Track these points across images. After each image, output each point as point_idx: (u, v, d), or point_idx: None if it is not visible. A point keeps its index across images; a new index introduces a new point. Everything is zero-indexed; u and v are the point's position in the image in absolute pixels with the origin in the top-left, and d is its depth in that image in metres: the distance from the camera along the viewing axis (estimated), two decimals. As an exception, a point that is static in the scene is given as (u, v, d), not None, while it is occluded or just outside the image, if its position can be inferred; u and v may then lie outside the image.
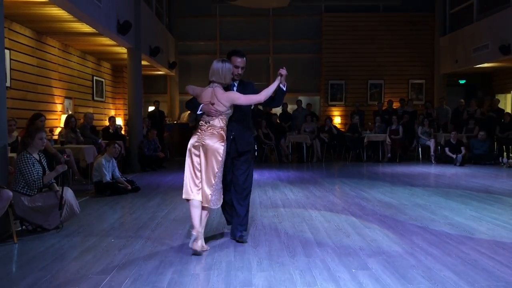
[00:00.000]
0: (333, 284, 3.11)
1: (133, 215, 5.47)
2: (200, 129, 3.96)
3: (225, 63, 3.97)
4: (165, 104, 15.49)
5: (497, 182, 8.08)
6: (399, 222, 4.94)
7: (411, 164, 11.39)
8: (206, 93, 3.96)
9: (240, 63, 4.13)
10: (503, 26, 11.93)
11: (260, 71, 16.05)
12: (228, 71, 3.96)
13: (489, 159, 11.18)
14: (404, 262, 3.57)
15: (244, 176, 4.18)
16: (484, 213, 5.34)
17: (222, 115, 3.92)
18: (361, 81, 15.63)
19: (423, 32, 15.67)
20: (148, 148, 10.30)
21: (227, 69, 3.95)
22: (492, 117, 12.21)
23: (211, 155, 3.85)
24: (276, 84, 4.08)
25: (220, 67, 3.95)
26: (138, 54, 10.45)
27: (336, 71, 15.58)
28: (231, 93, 3.98)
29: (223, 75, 3.95)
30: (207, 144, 3.85)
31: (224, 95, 3.91)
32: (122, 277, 3.26)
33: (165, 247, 4.02)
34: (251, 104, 4.17)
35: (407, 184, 7.89)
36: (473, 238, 4.25)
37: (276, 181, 8.41)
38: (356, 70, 15.45)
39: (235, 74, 4.11)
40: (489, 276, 3.23)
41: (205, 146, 3.85)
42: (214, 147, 3.84)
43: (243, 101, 3.98)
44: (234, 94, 3.99)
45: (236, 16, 15.60)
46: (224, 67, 3.95)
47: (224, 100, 3.89)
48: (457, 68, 14.33)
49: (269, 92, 3.99)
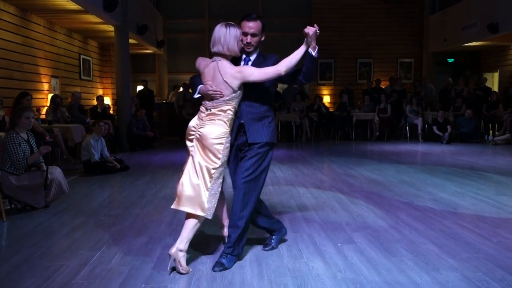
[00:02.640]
0: (319, 257, 3.19)
1: (123, 194, 5.50)
2: (199, 117, 3.08)
3: (229, 28, 3.03)
4: (153, 83, 15.36)
5: (481, 159, 8.22)
6: (385, 198, 5.03)
7: (399, 142, 11.53)
8: (208, 69, 3.07)
9: (250, 28, 3.06)
10: (491, 4, 11.94)
11: (249, 50, 15.94)
12: (234, 38, 3.01)
13: (475, 137, 11.35)
14: (388, 236, 3.66)
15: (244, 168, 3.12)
16: (467, 189, 5.46)
17: (228, 99, 3.00)
18: (350, 60, 15.61)
19: (412, 11, 15.63)
20: (137, 128, 10.26)
21: (232, 36, 3.01)
22: (479, 96, 12.35)
23: (207, 151, 2.97)
24: (302, 49, 3.06)
25: (222, 33, 3.02)
26: (125, 32, 10.30)
27: (326, 50, 15.48)
28: (242, 68, 3.06)
29: (226, 44, 3.01)
30: (203, 136, 2.96)
31: (232, 70, 2.99)
32: (112, 253, 3.30)
33: (154, 224, 4.07)
34: (268, 79, 3.04)
35: (394, 161, 8.00)
36: (456, 213, 4.36)
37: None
38: (345, 48, 15.41)
39: (245, 44, 3.09)
40: (469, 248, 3.33)
41: (201, 138, 2.97)
42: (212, 141, 2.95)
43: (257, 76, 2.98)
44: (245, 68, 3.05)
45: (225, -7, 15.41)
46: (227, 33, 3.01)
47: (230, 77, 2.97)
48: (445, 46, 14.38)
49: (292, 61, 3.01)
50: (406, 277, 2.81)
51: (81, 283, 2.77)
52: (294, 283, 2.74)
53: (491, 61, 14.93)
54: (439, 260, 3.08)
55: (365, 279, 2.79)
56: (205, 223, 3.25)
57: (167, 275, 2.87)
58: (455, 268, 2.94)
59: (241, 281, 2.79)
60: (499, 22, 11.51)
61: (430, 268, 2.94)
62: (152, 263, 3.08)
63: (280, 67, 3.00)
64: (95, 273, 2.93)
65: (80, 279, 2.83)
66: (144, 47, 13.35)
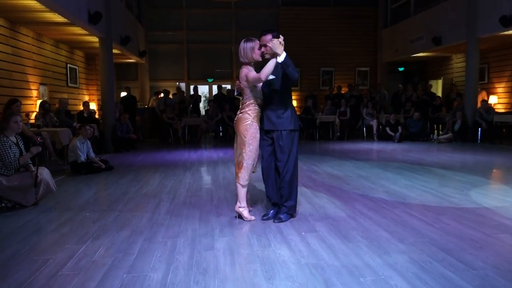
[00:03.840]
0: (285, 245, 3.21)
1: (107, 191, 5.39)
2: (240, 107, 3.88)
3: (246, 43, 3.73)
4: (136, 90, 15.12)
5: (427, 155, 8.45)
6: (344, 191, 5.11)
7: (357, 142, 11.72)
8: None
9: (267, 40, 3.64)
10: (435, 20, 12.31)
11: (224, 60, 15.92)
12: (249, 49, 3.69)
13: (422, 136, 11.64)
14: (346, 224, 3.72)
15: (279, 156, 3.72)
16: (415, 182, 5.60)
17: (248, 95, 3.74)
18: (314, 69, 15.79)
19: (367, 25, 15.93)
20: (121, 131, 10.08)
21: (248, 48, 3.70)
22: (426, 100, 12.68)
23: (238, 134, 3.77)
24: (273, 60, 3.57)
25: (242, 46, 3.74)
26: (109, 43, 10.10)
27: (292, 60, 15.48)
28: (245, 72, 3.70)
29: (245, 54, 3.71)
30: (235, 124, 3.81)
31: (242, 74, 3.72)
32: (96, 246, 3.24)
33: (136, 219, 4.00)
34: (255, 82, 3.68)
35: (353, 158, 8.13)
36: (405, 203, 4.47)
37: (238, 158, 8.45)
38: (310, 58, 15.57)
39: (265, 53, 3.69)
40: (416, 233, 3.42)
41: (235, 124, 3.82)
42: (238, 127, 3.76)
43: (251, 79, 3.66)
44: (247, 72, 3.69)
45: (201, 8, 15.33)
46: (245, 46, 3.71)
47: (242, 79, 3.73)
48: (396, 57, 14.71)
49: (267, 70, 3.54)
50: (361, 260, 2.87)
51: (67, 274, 2.71)
52: (263, 269, 2.75)
53: (435, 70, 15.37)
54: (390, 245, 3.16)
55: (326, 263, 2.83)
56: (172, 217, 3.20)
57: (147, 265, 2.84)
58: (403, 251, 3.01)
59: (215, 268, 2.78)
60: (441, 36, 11.87)
61: (382, 252, 3.01)
62: (134, 255, 3.03)
63: (261, 75, 3.57)
64: (80, 265, 2.86)
65: (66, 271, 2.76)
66: (127, 56, 13.13)
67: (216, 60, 15.94)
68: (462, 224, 3.65)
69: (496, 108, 11.65)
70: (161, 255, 3.01)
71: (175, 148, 10.63)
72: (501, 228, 3.53)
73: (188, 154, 9.30)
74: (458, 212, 4.05)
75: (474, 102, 10.96)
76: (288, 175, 3.73)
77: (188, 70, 15.89)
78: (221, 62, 15.91)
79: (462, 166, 6.96)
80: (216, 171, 6.88)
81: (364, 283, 2.51)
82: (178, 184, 5.77)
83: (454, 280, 2.53)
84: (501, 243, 3.18)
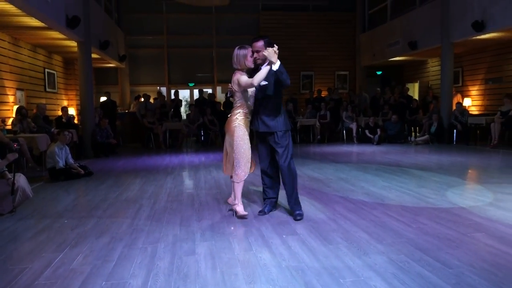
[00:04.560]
0: (266, 248, 3.20)
1: (86, 197, 5.29)
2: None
3: (240, 50, 3.88)
4: (116, 95, 14.93)
5: (405, 157, 8.59)
6: (324, 194, 5.14)
7: (337, 144, 11.83)
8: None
9: (258, 47, 3.85)
10: (411, 25, 12.56)
11: (205, 64, 15.88)
12: (242, 56, 3.85)
13: (400, 138, 11.84)
14: (326, 226, 3.74)
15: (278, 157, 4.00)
16: (393, 183, 5.68)
17: (239, 98, 3.90)
18: (294, 73, 15.86)
19: (346, 30, 16.15)
20: (101, 136, 9.92)
21: (241, 55, 3.85)
22: (403, 103, 12.91)
23: (229, 135, 3.96)
24: (266, 67, 3.75)
25: (235, 53, 3.89)
26: (88, 47, 9.95)
27: (273, 64, 15.68)
28: (238, 77, 3.85)
29: (238, 61, 3.87)
30: (225, 126, 4.01)
31: (234, 78, 3.88)
32: (74, 254, 3.16)
33: (116, 225, 3.93)
34: (247, 87, 3.85)
35: (333, 161, 8.20)
36: (383, 204, 4.52)
37: (219, 163, 8.42)
38: (290, 63, 15.60)
39: (257, 58, 3.87)
40: (394, 234, 3.47)
41: (226, 127, 4.01)
42: (227, 128, 3.96)
43: (243, 83, 3.82)
44: (239, 77, 3.85)
45: (182, 12, 15.25)
46: (238, 53, 3.87)
47: (234, 84, 3.88)
48: (374, 61, 14.94)
49: (260, 76, 3.71)
50: (341, 262, 2.88)
51: (43, 283, 2.63)
52: (244, 273, 2.74)
53: (412, 73, 15.67)
54: (369, 246, 3.19)
55: (306, 265, 2.84)
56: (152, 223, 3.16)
57: (127, 272, 2.79)
58: (382, 252, 3.04)
59: (196, 273, 2.75)
60: (417, 40, 12.13)
61: (361, 253, 3.03)
62: (113, 262, 2.98)
63: (254, 80, 3.72)
64: (58, 273, 2.79)
65: (43, 280, 2.68)
66: (106, 61, 12.94)
67: (197, 65, 15.88)
68: (439, 224, 3.71)
69: (470, 110, 11.94)
70: (141, 262, 2.96)
71: (156, 153, 10.52)
72: (476, 227, 3.60)
73: (170, 159, 9.21)
74: (435, 212, 4.12)
75: (449, 105, 11.21)
76: (287, 161, 3.97)
77: (169, 74, 15.78)
78: (202, 66, 15.87)
79: (438, 167, 7.09)
80: (198, 175, 6.84)
81: (344, 285, 2.52)
82: (159, 189, 5.70)
83: (431, 279, 2.57)
84: (476, 241, 3.24)
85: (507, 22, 9.00)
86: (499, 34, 9.84)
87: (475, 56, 12.20)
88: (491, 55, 11.60)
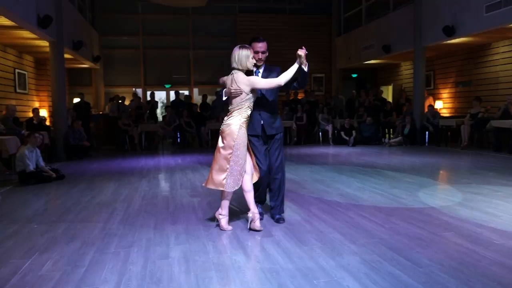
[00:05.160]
0: (241, 250, 3.19)
1: (57, 201, 5.15)
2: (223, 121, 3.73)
3: (241, 49, 3.63)
4: (90, 96, 14.63)
5: (379, 158, 8.75)
6: (300, 195, 5.17)
7: (313, 146, 11.95)
8: (228, 80, 3.70)
9: (260, 47, 3.77)
10: (385, 29, 12.83)
11: (181, 65, 15.76)
12: (245, 57, 3.61)
13: (374, 140, 12.06)
14: (301, 228, 3.76)
15: (275, 158, 3.90)
16: (367, 184, 5.78)
17: (242, 100, 3.60)
18: (271, 75, 15.93)
19: (322, 33, 16.34)
20: (74, 138, 9.70)
21: (243, 55, 3.61)
22: (377, 105, 13.15)
23: (226, 140, 3.61)
24: (296, 66, 3.70)
25: (236, 53, 3.63)
26: (61, 47, 9.71)
27: (250, 66, 15.70)
28: (251, 78, 3.64)
29: (240, 61, 3.62)
30: (223, 129, 3.66)
31: (245, 79, 3.60)
32: (44, 260, 3.07)
33: (88, 229, 3.84)
34: (271, 87, 3.69)
35: (309, 163, 8.26)
36: (357, 205, 4.59)
37: (196, 165, 8.37)
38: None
39: (257, 59, 3.76)
40: (367, 234, 3.52)
41: (222, 131, 3.67)
42: (227, 132, 3.61)
43: (263, 84, 3.62)
44: (254, 78, 3.66)
45: (158, 13, 15.09)
46: (240, 53, 3.62)
47: (243, 84, 3.58)
48: (350, 64, 15.17)
49: (288, 75, 3.63)
50: (315, 263, 2.90)
51: (10, 291, 2.55)
52: (218, 276, 2.72)
53: (386, 76, 15.99)
54: (343, 246, 3.22)
55: (281, 267, 2.84)
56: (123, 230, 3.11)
57: (98, 278, 2.72)
58: (355, 252, 3.08)
59: (169, 277, 2.72)
60: (391, 44, 12.39)
61: (335, 254, 3.06)
62: (84, 267, 2.90)
63: (281, 79, 3.62)
64: (25, 280, 2.70)
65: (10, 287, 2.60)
66: (80, 61, 12.67)
67: (173, 66, 15.74)
68: (410, 224, 3.79)
69: (441, 112, 12.27)
70: (113, 266, 2.90)
71: (131, 155, 10.36)
72: (446, 227, 3.70)
73: (145, 161, 9.09)
74: (407, 212, 4.20)
75: (422, 107, 11.49)
76: (280, 173, 3.93)
77: (144, 75, 15.58)
78: (178, 68, 15.74)
79: (411, 168, 7.25)
80: (173, 178, 6.77)
81: (318, 285, 2.54)
82: (133, 192, 5.61)
83: (401, 278, 2.62)
84: (445, 240, 3.33)
85: (476, 28, 9.31)
86: (468, 38, 10.16)
87: (446, 60, 12.55)
88: (461, 59, 11.96)
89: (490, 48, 10.91)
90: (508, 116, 9.16)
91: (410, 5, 11.57)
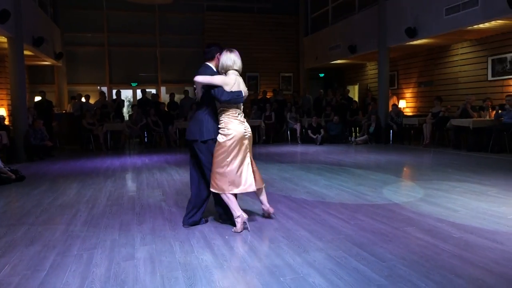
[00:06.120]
0: (208, 250, 3.17)
1: (17, 204, 4.94)
2: (238, 119, 3.65)
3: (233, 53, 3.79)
4: (53, 94, 14.12)
5: (346, 157, 8.92)
6: (268, 194, 5.10)
7: (282, 145, 12.04)
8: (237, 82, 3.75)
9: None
10: (351, 30, 13.08)
11: (148, 63, 15.47)
12: None
13: (341, 138, 12.29)
14: (269, 226, 3.78)
15: None
16: (334, 182, 5.88)
17: None
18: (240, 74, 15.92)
19: (290, 33, 16.48)
20: (35, 138, 9.33)
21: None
22: (344, 104, 13.41)
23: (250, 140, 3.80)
24: (210, 79, 3.81)
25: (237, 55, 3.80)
26: (20, 43, 9.32)
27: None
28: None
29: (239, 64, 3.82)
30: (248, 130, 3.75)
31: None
32: (1, 264, 2.93)
33: (49, 232, 3.71)
34: None
35: (277, 161, 8.32)
36: (324, 202, 4.66)
37: (163, 164, 8.25)
38: (235, 63, 15.67)
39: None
40: (333, 231, 3.58)
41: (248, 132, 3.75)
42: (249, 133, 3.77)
43: None
44: None
45: (123, 9, 14.74)
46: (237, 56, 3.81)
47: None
48: (317, 63, 15.38)
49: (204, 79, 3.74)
50: (282, 260, 2.93)
51: (-37, 298, 2.42)
52: (185, 276, 2.69)
53: (352, 76, 16.33)
54: (309, 243, 3.26)
55: (248, 265, 2.85)
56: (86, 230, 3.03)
57: (60, 281, 2.63)
58: (321, 249, 3.13)
59: (134, 279, 2.66)
60: (357, 44, 12.65)
61: (301, 251, 3.10)
62: (45, 271, 2.80)
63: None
64: (-19, 286, 2.58)
65: (-37, 295, 2.47)
66: (41, 58, 12.20)
67: (140, 64, 15.43)
68: (374, 220, 3.89)
69: (405, 111, 12.66)
70: (75, 269, 2.82)
71: (96, 156, 10.08)
72: (408, 222, 3.82)
73: (111, 161, 8.87)
74: (371, 209, 4.31)
75: (386, 106, 11.80)
76: None
77: (110, 73, 15.19)
78: (145, 66, 15.44)
79: (376, 165, 7.44)
80: (140, 178, 6.64)
81: (284, 282, 2.56)
82: (97, 193, 5.46)
83: (366, 272, 2.68)
84: (407, 235, 3.44)
85: (436, 29, 9.66)
86: (429, 40, 10.54)
87: (409, 61, 12.96)
88: (422, 60, 12.38)
89: (450, 50, 11.35)
90: (466, 115, 9.56)
91: (374, 6, 11.86)
